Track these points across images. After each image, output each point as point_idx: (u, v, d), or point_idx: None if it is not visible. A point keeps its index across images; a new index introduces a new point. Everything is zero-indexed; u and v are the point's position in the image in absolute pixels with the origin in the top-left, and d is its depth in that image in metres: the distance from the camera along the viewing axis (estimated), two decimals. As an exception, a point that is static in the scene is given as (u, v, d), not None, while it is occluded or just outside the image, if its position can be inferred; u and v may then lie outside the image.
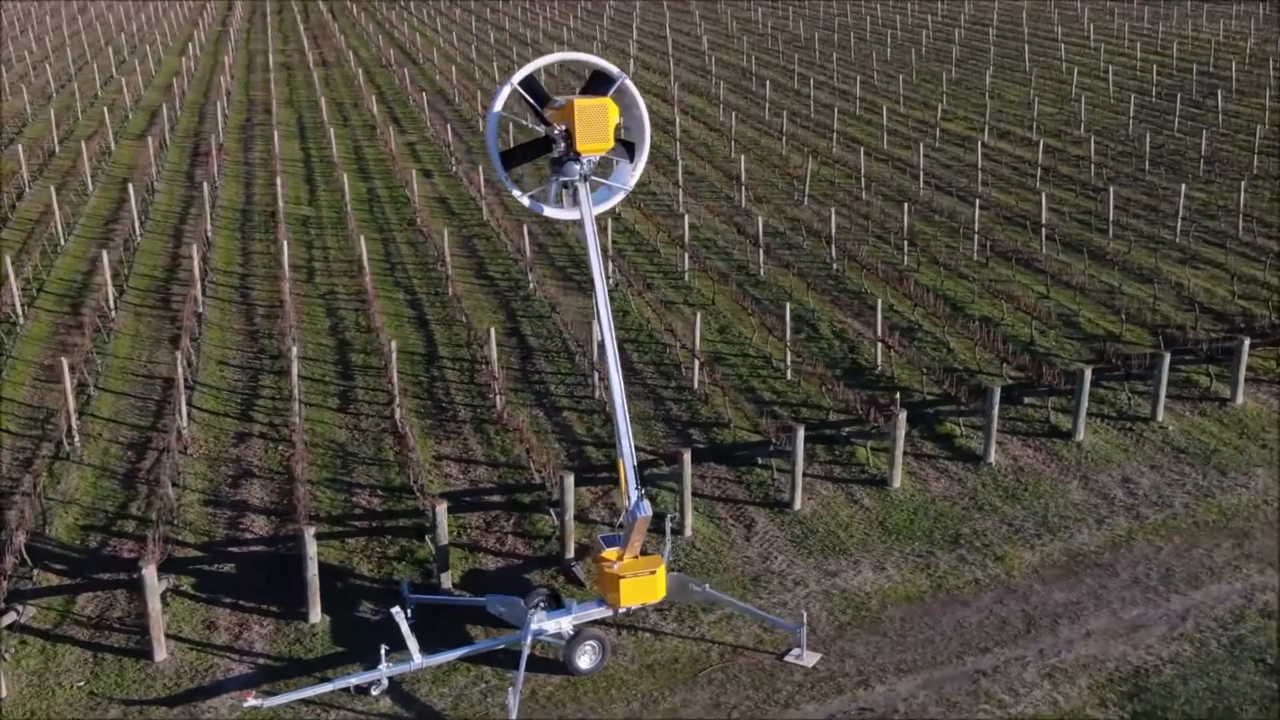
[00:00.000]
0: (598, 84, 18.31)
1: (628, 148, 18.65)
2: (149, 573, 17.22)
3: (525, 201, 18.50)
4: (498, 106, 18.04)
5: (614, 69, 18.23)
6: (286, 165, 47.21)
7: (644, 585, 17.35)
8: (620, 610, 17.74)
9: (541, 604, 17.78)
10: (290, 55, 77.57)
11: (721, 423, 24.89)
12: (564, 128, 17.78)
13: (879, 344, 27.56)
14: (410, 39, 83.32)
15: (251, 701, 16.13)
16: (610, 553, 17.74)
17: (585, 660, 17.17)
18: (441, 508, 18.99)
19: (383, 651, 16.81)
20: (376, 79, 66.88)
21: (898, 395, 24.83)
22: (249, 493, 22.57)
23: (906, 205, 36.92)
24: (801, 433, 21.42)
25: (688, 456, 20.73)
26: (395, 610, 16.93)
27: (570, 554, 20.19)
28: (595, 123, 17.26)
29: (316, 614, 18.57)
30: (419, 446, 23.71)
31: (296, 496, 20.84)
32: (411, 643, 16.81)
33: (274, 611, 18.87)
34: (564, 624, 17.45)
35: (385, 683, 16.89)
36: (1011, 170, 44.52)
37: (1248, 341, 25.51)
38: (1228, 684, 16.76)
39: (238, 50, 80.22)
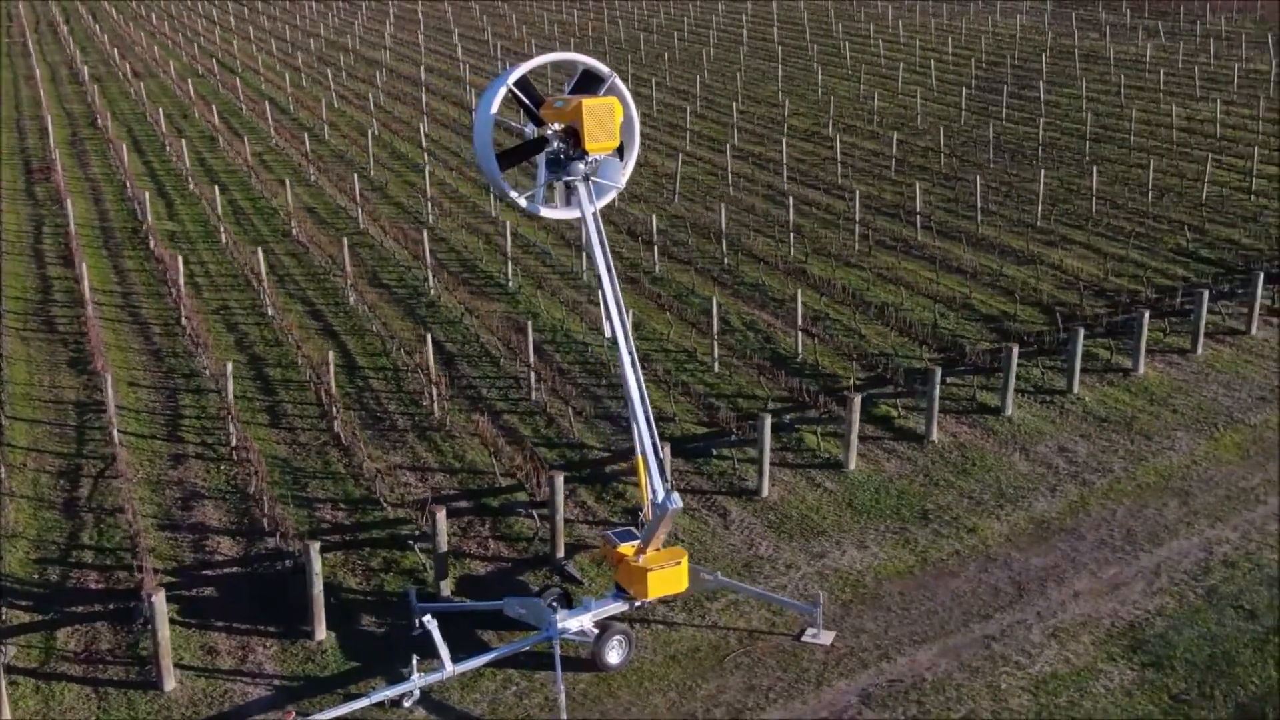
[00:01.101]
0: (587, 83, 18.42)
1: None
2: (158, 599, 16.59)
3: (522, 203, 18.47)
4: (494, 108, 17.97)
5: (604, 68, 18.37)
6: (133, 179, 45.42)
7: (670, 577, 17.55)
8: (638, 603, 17.91)
9: (555, 603, 17.83)
10: (96, 66, 74.39)
11: (665, 417, 25.20)
12: (561, 127, 17.83)
13: (799, 333, 28.30)
14: (224, 48, 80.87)
15: (292, 722, 15.73)
16: (626, 547, 17.90)
17: (614, 655, 17.27)
18: (441, 514, 18.78)
19: (414, 662, 16.60)
20: (199, 89, 64.72)
21: (852, 380, 25.56)
22: (204, 514, 21.83)
23: (790, 200, 37.88)
24: (769, 421, 21.93)
25: (668, 450, 20.97)
26: (428, 619, 16.72)
27: (561, 553, 20.21)
28: (603, 122, 17.40)
29: (322, 631, 18.14)
30: (367, 458, 23.31)
31: (276, 515, 20.31)
32: (444, 651, 16.62)
33: (273, 631, 18.36)
34: (585, 621, 17.51)
35: (417, 693, 16.68)
36: (866, 163, 46.03)
37: (1148, 314, 27.18)
38: (1217, 630, 17.94)
39: (38, 63, 76.46)
